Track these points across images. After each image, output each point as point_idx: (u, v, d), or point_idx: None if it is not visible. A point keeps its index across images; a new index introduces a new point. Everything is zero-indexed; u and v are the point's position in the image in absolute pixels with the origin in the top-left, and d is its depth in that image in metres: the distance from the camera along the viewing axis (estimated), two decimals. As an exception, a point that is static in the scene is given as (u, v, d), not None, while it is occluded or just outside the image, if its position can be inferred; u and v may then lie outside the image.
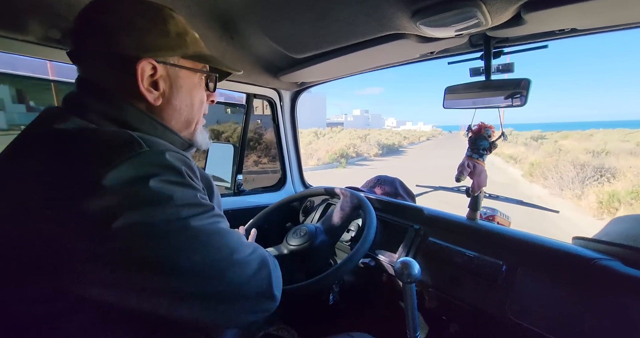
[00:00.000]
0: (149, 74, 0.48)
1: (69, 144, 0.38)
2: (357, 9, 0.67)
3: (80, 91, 0.47)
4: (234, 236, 0.44)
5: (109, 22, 0.45)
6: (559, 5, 0.52)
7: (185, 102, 0.54)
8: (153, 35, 0.47)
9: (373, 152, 16.74)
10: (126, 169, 0.36)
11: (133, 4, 0.47)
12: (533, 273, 0.71)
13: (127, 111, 0.47)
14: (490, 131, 0.82)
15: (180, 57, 0.51)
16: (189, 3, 0.75)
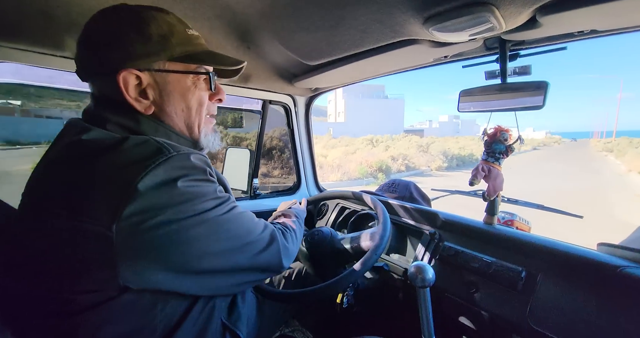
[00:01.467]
0: (134, 83, 0.47)
1: (101, 152, 0.42)
2: (370, 16, 0.69)
3: (97, 105, 0.50)
4: (247, 219, 0.52)
5: (96, 39, 0.47)
6: (576, 8, 0.51)
7: (180, 107, 0.52)
8: (133, 43, 0.46)
9: (435, 164, 13.51)
10: (158, 173, 0.40)
11: (116, 14, 0.47)
12: (554, 280, 0.69)
13: (140, 122, 0.49)
14: (506, 135, 0.81)
15: (167, 61, 0.49)
16: (209, 15, 0.79)
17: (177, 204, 0.41)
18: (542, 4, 0.53)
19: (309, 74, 1.14)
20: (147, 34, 0.46)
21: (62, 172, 0.43)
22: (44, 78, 0.90)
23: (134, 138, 0.44)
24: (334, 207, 1.36)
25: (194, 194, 0.43)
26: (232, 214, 0.48)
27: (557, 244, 0.73)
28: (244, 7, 0.75)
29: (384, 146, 16.83)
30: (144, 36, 0.46)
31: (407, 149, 15.19)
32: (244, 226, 0.50)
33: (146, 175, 0.39)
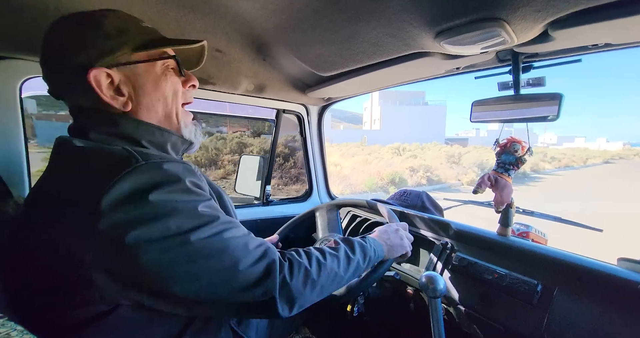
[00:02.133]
0: (106, 82, 0.47)
1: (72, 167, 0.43)
2: (382, 30, 0.71)
3: (75, 119, 0.50)
4: (238, 245, 0.43)
5: (57, 47, 0.47)
6: (588, 23, 0.52)
7: (156, 97, 0.51)
8: (94, 43, 0.46)
9: (467, 178, 11.53)
10: (124, 186, 0.37)
11: (69, 21, 0.48)
12: (572, 295, 0.67)
13: (119, 123, 0.49)
14: (517, 146, 0.80)
15: (131, 53, 0.48)
16: (227, 30, 0.83)
17: (148, 221, 0.37)
18: (553, 19, 0.54)
19: (322, 85, 1.17)
20: (105, 31, 0.47)
21: (46, 188, 0.45)
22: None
23: (103, 148, 0.43)
24: (345, 215, 1.36)
25: (168, 211, 0.39)
26: (217, 239, 0.42)
27: (575, 258, 0.72)
28: (261, 22, 0.79)
29: (410, 155, 15.49)
30: (102, 34, 0.46)
31: (434, 160, 13.88)
32: (231, 255, 0.42)
33: (110, 189, 0.37)
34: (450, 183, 11.25)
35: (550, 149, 29.99)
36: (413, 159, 13.46)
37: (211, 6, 0.71)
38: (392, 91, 7.40)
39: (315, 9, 0.67)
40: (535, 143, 58.62)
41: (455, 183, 11.29)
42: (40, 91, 0.91)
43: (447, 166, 12.80)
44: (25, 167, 0.84)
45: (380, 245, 0.67)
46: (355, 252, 0.58)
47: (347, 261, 0.55)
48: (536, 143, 57.57)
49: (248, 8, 0.72)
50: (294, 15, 0.72)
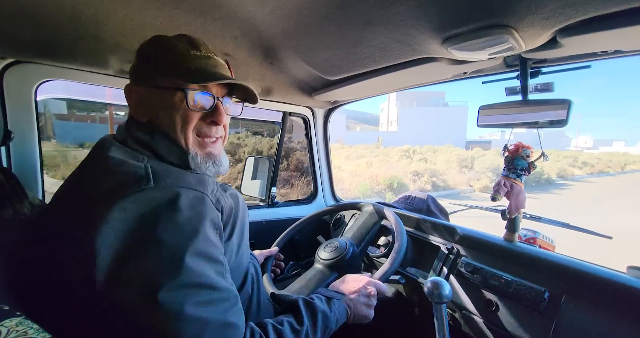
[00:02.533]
0: (134, 98, 0.56)
1: (93, 176, 0.47)
2: (389, 36, 0.71)
3: (126, 120, 0.58)
4: (203, 320, 0.40)
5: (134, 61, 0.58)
6: (598, 30, 0.51)
7: (167, 121, 0.54)
8: (138, 63, 0.56)
9: (480, 184, 10.46)
10: (128, 204, 0.40)
11: (149, 42, 0.56)
12: (580, 303, 0.66)
13: (139, 129, 0.55)
14: (528, 151, 0.80)
15: (157, 77, 0.53)
16: (236, 34, 0.84)
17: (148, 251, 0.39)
18: (562, 27, 0.54)
19: (328, 88, 1.18)
20: (145, 53, 0.55)
21: (75, 184, 0.49)
22: (88, 93, 0.99)
23: (124, 164, 0.46)
24: (350, 218, 1.36)
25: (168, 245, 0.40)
26: (178, 299, 0.39)
27: (583, 265, 0.71)
28: (269, 27, 0.80)
29: (420, 158, 14.40)
30: (143, 55, 0.55)
31: (446, 164, 12.97)
32: (182, 327, 0.39)
33: (113, 206, 0.39)
34: (460, 188, 10.31)
35: (584, 154, 26.80)
36: (422, 163, 12.58)
37: (221, 11, 0.73)
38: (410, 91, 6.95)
39: (323, 14, 0.68)
40: (568, 146, 51.41)
41: (465, 189, 10.37)
42: (54, 93, 0.94)
43: (458, 171, 11.96)
44: (38, 168, 0.87)
45: (345, 312, 0.65)
46: (317, 332, 0.56)
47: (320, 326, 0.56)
48: (568, 147, 51.11)
49: (257, 13, 0.73)
50: (302, 20, 0.73)
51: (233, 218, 0.58)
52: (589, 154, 27.52)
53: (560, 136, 50.53)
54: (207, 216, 0.46)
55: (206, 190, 0.49)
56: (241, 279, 0.63)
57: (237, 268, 0.61)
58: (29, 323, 0.35)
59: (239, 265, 0.62)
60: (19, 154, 0.83)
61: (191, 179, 0.49)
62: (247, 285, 0.64)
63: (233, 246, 0.58)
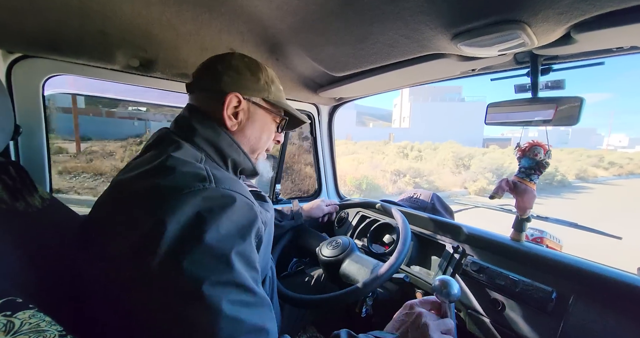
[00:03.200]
0: (234, 105, 0.60)
1: (154, 173, 0.47)
2: (397, 32, 0.70)
3: (190, 114, 0.61)
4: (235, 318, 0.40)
5: (220, 68, 0.61)
6: (614, 26, 0.50)
7: (255, 134, 0.65)
8: (247, 79, 0.62)
9: (477, 185, 9.23)
10: (194, 198, 0.42)
11: (241, 58, 0.64)
12: (588, 304, 0.65)
13: (221, 135, 0.59)
14: (538, 150, 0.79)
15: (262, 99, 0.64)
16: (242, 30, 0.84)
17: (196, 253, 0.40)
18: (577, 22, 0.52)
19: (334, 85, 1.17)
20: (258, 77, 0.63)
21: (141, 175, 0.48)
22: (94, 88, 0.99)
23: (186, 165, 0.48)
24: (354, 215, 1.36)
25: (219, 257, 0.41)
26: (220, 301, 0.39)
27: (592, 266, 0.70)
28: (275, 22, 0.79)
29: (416, 155, 13.44)
30: (255, 78, 0.63)
31: (443, 162, 11.90)
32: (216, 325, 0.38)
33: (177, 203, 0.42)
34: (451, 191, 9.09)
35: (615, 153, 23.68)
36: (416, 162, 11.82)
37: (227, 6, 0.72)
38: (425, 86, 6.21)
39: (331, 10, 0.67)
40: (600, 145, 46.35)
41: (458, 192, 9.11)
42: (61, 88, 0.94)
43: (453, 170, 10.74)
44: (46, 162, 0.87)
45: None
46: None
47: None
48: (600, 146, 45.63)
49: (263, 8, 0.72)
50: (309, 16, 0.72)
51: (269, 228, 0.65)
52: (621, 153, 24.68)
53: (590, 134, 46.79)
54: (254, 224, 0.48)
55: (254, 202, 0.53)
56: (260, 281, 0.65)
57: (262, 271, 0.63)
58: (41, 316, 0.35)
59: (264, 268, 0.66)
60: (27, 149, 0.84)
61: (243, 188, 0.53)
62: (265, 286, 0.69)
63: (262, 252, 0.60)
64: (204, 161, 0.54)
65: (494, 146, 19.03)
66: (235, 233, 0.44)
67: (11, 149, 0.81)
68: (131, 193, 0.46)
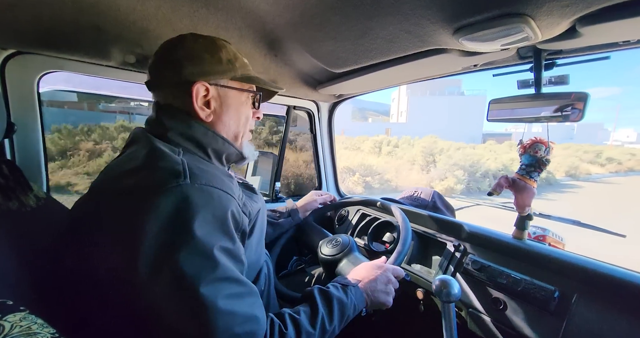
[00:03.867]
0: (202, 94, 0.56)
1: (136, 172, 0.47)
2: (398, 26, 0.69)
3: (158, 113, 0.57)
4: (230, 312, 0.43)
5: (177, 57, 0.56)
6: (621, 18, 0.48)
7: (233, 118, 0.62)
8: (208, 63, 0.57)
9: (444, 185, 8.32)
10: (168, 197, 0.42)
11: (195, 40, 0.58)
12: (592, 303, 0.65)
13: (194, 127, 0.56)
14: (540, 147, 0.77)
15: (229, 79, 0.60)
16: (239, 25, 0.82)
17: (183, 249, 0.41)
18: (582, 15, 0.51)
19: (333, 81, 1.16)
20: (219, 57, 0.58)
21: (117, 177, 0.49)
22: (89, 85, 0.98)
23: (163, 159, 0.48)
24: (355, 213, 1.35)
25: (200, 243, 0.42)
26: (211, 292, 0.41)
27: (596, 264, 0.69)
28: (273, 18, 0.78)
29: (389, 151, 12.91)
30: (217, 59, 0.58)
31: (414, 158, 11.30)
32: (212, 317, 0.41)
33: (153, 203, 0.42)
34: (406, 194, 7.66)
35: (621, 148, 21.94)
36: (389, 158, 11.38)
37: (224, 1, 0.71)
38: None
39: (329, 4, 0.66)
40: (606, 140, 42.92)
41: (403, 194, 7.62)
42: (56, 85, 0.93)
43: (425, 168, 9.81)
44: (42, 160, 0.86)
45: (363, 298, 0.66)
46: (334, 319, 0.58)
47: (322, 334, 0.55)
48: (607, 141, 41.82)
49: (261, 3, 0.71)
50: (307, 11, 0.70)
51: (258, 221, 0.62)
52: (625, 149, 22.65)
53: (597, 129, 45.13)
54: (233, 216, 0.49)
55: (234, 194, 0.51)
56: (254, 276, 0.66)
57: (252, 265, 0.64)
58: (33, 318, 0.34)
59: (256, 262, 0.65)
60: (23, 147, 0.82)
61: (222, 181, 0.51)
62: (260, 282, 0.67)
63: (253, 245, 0.60)
64: (181, 154, 0.52)
65: (492, 141, 18.35)
66: (215, 228, 0.45)
67: (6, 147, 0.80)
68: (108, 197, 0.46)
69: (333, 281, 0.68)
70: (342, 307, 0.60)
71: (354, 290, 0.65)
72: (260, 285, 0.68)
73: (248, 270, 0.58)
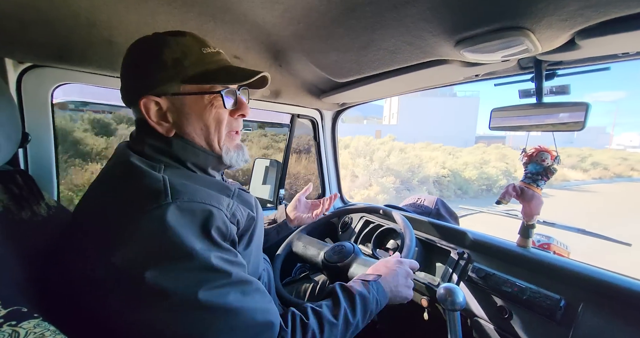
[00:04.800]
0: (155, 109, 0.51)
1: (115, 190, 0.47)
2: (400, 38, 0.70)
3: (137, 129, 0.56)
4: (243, 312, 0.43)
5: (124, 71, 0.53)
6: (619, 32, 0.49)
7: (198, 126, 0.54)
8: (149, 71, 0.50)
9: (360, 196, 7.35)
10: (151, 221, 0.41)
11: (136, 45, 0.52)
12: (598, 312, 0.64)
13: (170, 142, 0.53)
14: (546, 155, 0.78)
15: (180, 84, 0.51)
16: (245, 37, 0.85)
17: (166, 262, 0.40)
18: (581, 28, 0.52)
19: (337, 90, 1.18)
20: (162, 60, 0.49)
21: (96, 194, 0.49)
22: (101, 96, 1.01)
23: (145, 176, 0.46)
24: (358, 220, 1.36)
25: (183, 255, 0.41)
26: (220, 301, 0.42)
27: (602, 273, 0.68)
28: (278, 30, 0.80)
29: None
30: (159, 63, 0.49)
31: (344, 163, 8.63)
32: (229, 321, 0.42)
33: (135, 223, 0.41)
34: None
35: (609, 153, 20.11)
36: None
37: (231, 15, 0.73)
38: None
39: (333, 17, 0.68)
40: (607, 144, 41.36)
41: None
42: (68, 97, 0.96)
43: (355, 173, 8.56)
44: (54, 169, 0.89)
45: (386, 294, 0.64)
46: (357, 313, 0.57)
47: (346, 327, 0.54)
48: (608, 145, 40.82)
49: (266, 16, 0.73)
50: (312, 24, 0.72)
51: (251, 228, 0.58)
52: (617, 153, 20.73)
53: (599, 133, 43.31)
54: (219, 229, 0.47)
55: (221, 205, 0.49)
56: (247, 271, 0.65)
57: (252, 274, 0.62)
58: (46, 325, 0.35)
59: (254, 271, 0.64)
60: (36, 157, 0.85)
61: (206, 194, 0.49)
62: None
63: (250, 255, 0.59)
64: (162, 170, 0.49)
65: (481, 144, 17.43)
66: (201, 243, 0.43)
67: (20, 156, 0.82)
68: (90, 222, 0.46)
69: (355, 278, 0.67)
70: (364, 301, 0.58)
71: (375, 285, 0.63)
72: None
73: None
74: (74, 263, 0.45)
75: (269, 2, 0.66)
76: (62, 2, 0.62)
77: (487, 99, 15.36)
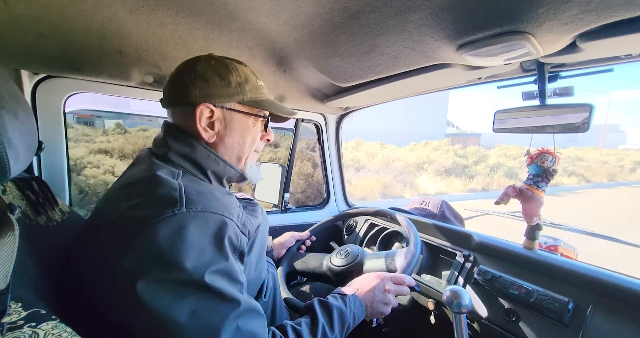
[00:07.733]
0: (207, 116, 0.57)
1: (133, 195, 0.48)
2: (402, 44, 0.71)
3: (165, 132, 0.59)
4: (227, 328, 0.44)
5: (187, 79, 0.57)
6: (620, 34, 0.50)
7: (237, 141, 0.62)
8: (216, 85, 0.57)
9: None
10: (161, 228, 0.42)
11: (207, 63, 0.59)
12: (608, 315, 0.63)
13: (195, 148, 0.57)
14: (547, 157, 0.78)
15: (237, 103, 0.60)
16: (250, 45, 0.87)
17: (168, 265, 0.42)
18: (582, 32, 0.52)
19: (340, 95, 1.19)
20: (228, 80, 0.58)
21: (115, 199, 0.51)
22: (110, 104, 1.04)
23: (162, 185, 0.48)
24: (363, 223, 1.36)
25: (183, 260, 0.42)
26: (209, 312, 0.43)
27: (611, 275, 0.68)
28: (282, 37, 0.82)
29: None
30: (225, 82, 0.58)
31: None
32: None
33: (146, 230, 0.42)
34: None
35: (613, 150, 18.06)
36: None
37: (237, 23, 0.75)
38: None
39: (336, 24, 0.69)
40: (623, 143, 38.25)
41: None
42: (79, 106, 0.99)
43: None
44: (66, 176, 0.91)
45: (363, 308, 0.67)
46: (334, 328, 0.59)
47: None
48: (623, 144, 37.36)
49: (271, 24, 0.75)
50: (315, 30, 0.74)
51: (257, 238, 0.61)
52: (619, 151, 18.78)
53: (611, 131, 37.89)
54: (231, 241, 0.49)
55: (232, 216, 0.51)
56: (257, 291, 0.67)
57: (255, 280, 0.64)
58: (63, 327, 0.36)
59: (258, 276, 0.66)
60: (49, 164, 0.87)
61: (220, 204, 0.51)
62: (264, 294, 0.68)
63: (253, 261, 0.60)
64: (180, 176, 0.52)
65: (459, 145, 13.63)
66: (209, 254, 0.45)
67: (34, 163, 0.85)
68: (106, 225, 0.47)
69: (333, 291, 0.70)
70: (341, 316, 0.61)
71: (352, 298, 0.66)
72: (264, 297, 0.68)
73: (250, 287, 0.59)
74: (89, 266, 0.46)
75: (274, 10, 0.67)
76: (75, 15, 0.65)
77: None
